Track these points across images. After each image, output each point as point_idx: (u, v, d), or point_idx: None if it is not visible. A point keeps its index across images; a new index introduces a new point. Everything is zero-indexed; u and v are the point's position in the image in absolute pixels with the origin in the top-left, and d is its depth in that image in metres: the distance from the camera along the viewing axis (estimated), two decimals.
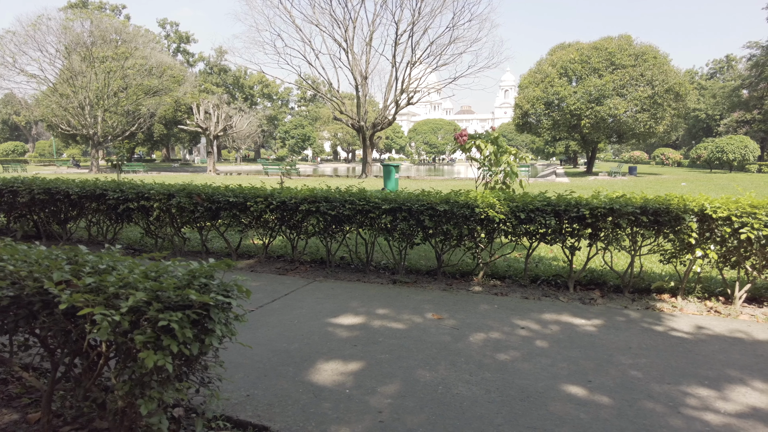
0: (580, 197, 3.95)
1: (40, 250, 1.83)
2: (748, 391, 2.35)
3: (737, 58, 59.98)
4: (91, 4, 52.80)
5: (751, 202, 3.49)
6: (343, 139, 76.45)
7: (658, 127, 29.59)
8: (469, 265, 4.58)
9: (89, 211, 5.56)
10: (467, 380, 2.41)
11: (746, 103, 46.81)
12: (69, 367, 1.76)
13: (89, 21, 34.48)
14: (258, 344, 2.82)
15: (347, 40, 28.89)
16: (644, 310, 3.57)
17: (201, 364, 1.73)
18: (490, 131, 5.74)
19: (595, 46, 30.64)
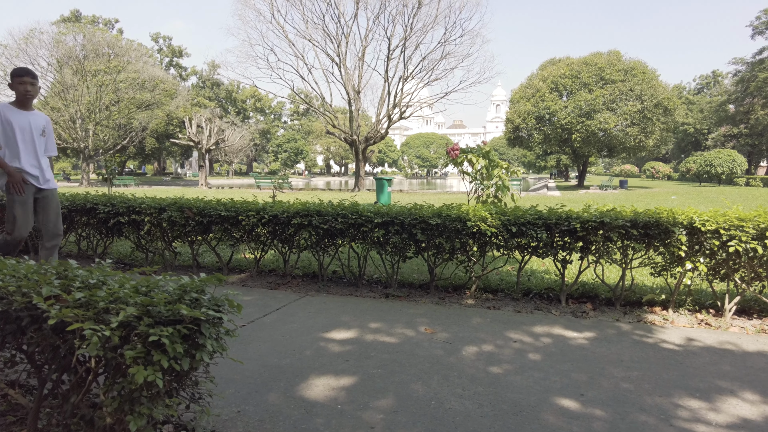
0: (571, 211, 3.98)
1: (29, 264, 1.82)
2: (738, 403, 2.36)
3: (723, 74, 61.22)
4: (84, 18, 52.98)
5: (738, 215, 3.54)
6: (335, 152, 76.69)
7: (647, 141, 30.00)
8: (461, 279, 4.58)
9: (79, 225, 5.52)
10: (460, 394, 2.40)
11: (733, 118, 47.67)
12: (56, 383, 1.74)
13: (82, 35, 34.55)
14: (249, 359, 2.80)
15: (340, 55, 29.15)
16: (636, 323, 3.59)
17: (191, 379, 1.71)
18: (481, 145, 5.80)
19: (585, 61, 31.14)
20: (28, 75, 3.90)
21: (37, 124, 4.03)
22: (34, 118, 4.03)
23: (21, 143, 3.91)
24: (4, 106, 3.89)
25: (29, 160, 3.96)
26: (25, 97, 3.89)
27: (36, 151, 4.01)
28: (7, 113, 3.87)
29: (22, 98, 3.91)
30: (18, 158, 3.88)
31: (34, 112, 4.04)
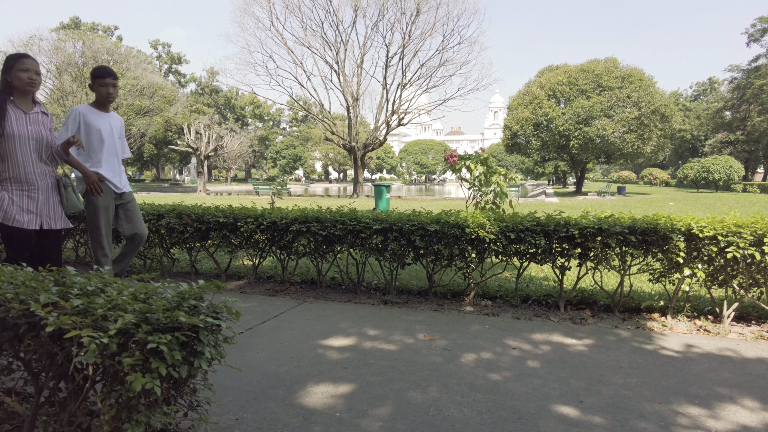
0: (569, 217, 3.99)
1: (27, 271, 1.82)
2: (738, 410, 2.35)
3: (720, 81, 61.59)
4: (83, 25, 53.16)
5: (736, 221, 3.55)
6: (334, 159, 76.79)
7: (645, 148, 30.12)
8: (460, 285, 4.58)
9: (77, 232, 5.51)
10: (459, 402, 2.39)
11: (729, 125, 47.89)
12: (53, 391, 1.73)
13: (81, 42, 34.67)
14: (247, 367, 2.79)
15: (338, 62, 29.27)
16: (634, 330, 3.58)
17: (190, 387, 1.70)
18: (479, 152, 5.81)
19: (583, 68, 31.32)
20: (110, 76, 3.67)
21: (115, 127, 3.83)
22: (113, 120, 3.83)
23: (102, 147, 3.69)
24: (85, 108, 3.69)
25: (110, 165, 3.75)
26: (107, 99, 3.68)
27: (116, 155, 3.82)
28: (88, 116, 3.65)
29: (102, 100, 3.69)
30: (100, 163, 3.67)
31: (112, 113, 3.84)
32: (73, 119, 3.61)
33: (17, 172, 3.10)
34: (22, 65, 3.08)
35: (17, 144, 3.08)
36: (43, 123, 3.25)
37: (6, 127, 3.05)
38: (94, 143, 3.67)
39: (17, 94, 3.13)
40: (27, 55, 3.17)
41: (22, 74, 3.08)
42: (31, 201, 3.13)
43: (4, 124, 3.05)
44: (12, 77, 3.08)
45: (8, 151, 3.07)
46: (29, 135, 3.13)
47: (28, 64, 3.10)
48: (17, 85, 3.09)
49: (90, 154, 3.67)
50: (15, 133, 3.07)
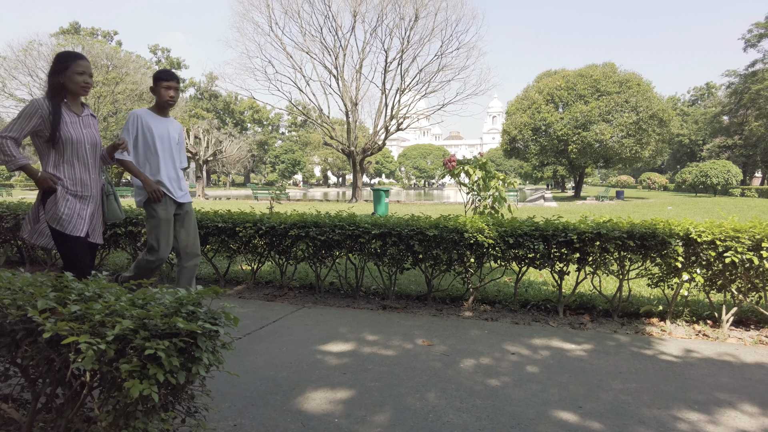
0: (567, 222, 3.99)
1: (25, 277, 1.81)
2: (737, 415, 2.35)
3: (717, 86, 61.83)
4: (83, 31, 53.27)
5: (734, 226, 3.56)
6: (333, 163, 76.85)
7: (643, 152, 30.18)
8: (459, 290, 4.57)
9: None
10: (458, 407, 2.39)
11: (727, 129, 48.05)
12: (50, 397, 1.72)
13: (81, 47, 34.74)
14: (245, 372, 2.78)
15: (337, 68, 29.34)
16: (633, 334, 3.58)
17: (187, 393, 1.70)
18: (478, 157, 5.82)
19: (581, 73, 31.41)
20: (174, 79, 3.51)
21: (174, 133, 3.64)
22: (172, 125, 3.64)
23: (161, 153, 3.51)
24: (144, 112, 3.52)
25: (168, 172, 3.56)
26: (168, 103, 3.51)
27: (174, 162, 3.62)
28: (146, 120, 3.48)
29: (164, 104, 3.53)
30: (158, 170, 3.49)
31: (171, 119, 3.67)
32: (132, 123, 3.46)
33: (73, 179, 2.88)
34: (78, 67, 2.85)
35: (73, 149, 2.88)
36: (94, 126, 3.06)
37: (62, 132, 2.83)
38: (152, 149, 3.48)
39: (69, 97, 2.91)
40: (82, 56, 2.92)
41: (77, 77, 2.85)
42: (83, 208, 2.92)
43: (60, 128, 2.83)
44: (66, 79, 2.84)
45: (64, 157, 2.87)
46: (85, 139, 2.93)
47: (83, 67, 2.87)
48: (71, 88, 2.86)
49: (148, 161, 3.49)
50: (72, 138, 2.86)
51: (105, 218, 3.15)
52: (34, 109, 2.75)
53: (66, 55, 2.89)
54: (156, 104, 3.57)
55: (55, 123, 2.79)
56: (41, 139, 2.83)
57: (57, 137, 2.81)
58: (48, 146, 2.84)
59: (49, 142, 2.82)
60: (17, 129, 2.75)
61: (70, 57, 2.87)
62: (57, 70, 2.84)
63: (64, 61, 2.84)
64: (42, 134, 2.81)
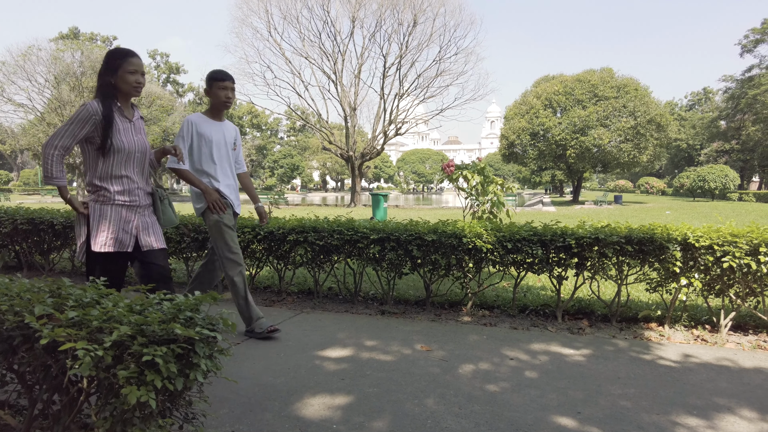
0: (565, 227, 4.00)
1: (23, 282, 1.81)
2: (736, 420, 2.35)
3: (714, 91, 62.10)
4: (82, 36, 53.36)
5: (731, 231, 3.56)
6: (332, 168, 76.92)
7: (641, 157, 30.27)
8: (457, 295, 4.57)
9: (73, 242, 5.48)
10: (457, 413, 2.38)
11: (724, 134, 48.21)
12: (47, 404, 1.71)
13: (80, 52, 34.75)
14: (243, 378, 2.77)
15: (336, 73, 29.42)
16: (632, 339, 3.58)
17: (185, 399, 1.69)
18: (476, 161, 5.83)
19: (579, 78, 31.54)
20: (229, 79, 3.33)
21: (230, 137, 3.45)
22: (227, 130, 3.44)
23: (218, 161, 3.33)
24: (198, 117, 3.33)
25: (225, 180, 3.38)
26: (225, 105, 3.33)
27: (232, 169, 3.44)
28: (200, 125, 3.29)
29: (220, 106, 3.35)
30: (215, 179, 3.32)
31: (226, 122, 3.46)
32: (187, 130, 3.28)
33: (121, 190, 2.65)
34: (130, 65, 2.61)
35: (125, 158, 2.64)
36: (144, 130, 2.83)
37: (114, 140, 2.59)
38: (208, 157, 3.29)
39: (120, 98, 2.66)
40: (134, 53, 2.67)
41: (129, 76, 2.61)
42: (128, 222, 2.68)
43: (112, 135, 2.58)
44: (117, 79, 2.60)
45: (113, 167, 2.62)
46: (136, 147, 2.69)
47: (135, 65, 2.63)
48: (123, 88, 2.62)
49: (203, 168, 3.31)
50: (124, 147, 2.62)
51: (161, 224, 2.90)
52: (88, 115, 2.52)
53: (117, 52, 2.66)
54: (211, 107, 3.39)
55: (107, 130, 2.56)
56: (92, 147, 2.61)
57: (108, 146, 2.58)
58: (97, 154, 2.60)
59: (99, 150, 2.59)
60: (68, 136, 2.52)
61: (122, 55, 2.64)
62: (107, 70, 2.62)
63: (115, 60, 2.62)
64: (93, 141, 2.59)
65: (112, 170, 2.62)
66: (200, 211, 3.36)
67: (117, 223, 2.63)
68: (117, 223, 2.63)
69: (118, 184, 2.64)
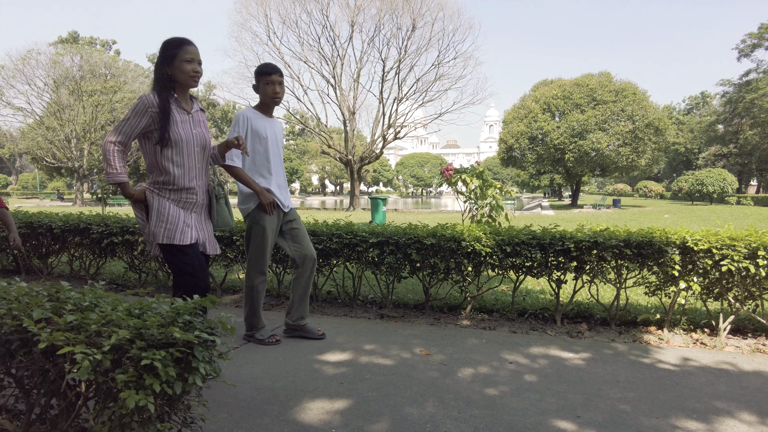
0: (564, 231, 4.00)
1: (21, 286, 1.80)
2: (736, 424, 2.34)
3: (712, 95, 62.32)
4: (81, 40, 53.44)
5: (730, 234, 3.57)
6: (330, 172, 76.97)
7: (640, 161, 30.35)
8: (456, 299, 4.57)
9: (72, 246, 5.48)
10: (456, 417, 2.37)
11: (722, 138, 48.37)
12: (45, 408, 1.70)
13: (79, 56, 34.79)
14: (242, 382, 2.76)
15: (335, 77, 29.48)
16: (631, 343, 3.58)
17: (184, 403, 1.69)
18: (475, 165, 5.84)
19: (577, 82, 31.64)
20: (277, 72, 3.16)
21: (279, 135, 3.35)
22: (277, 127, 3.33)
23: (272, 159, 3.21)
24: (252, 112, 3.20)
25: (278, 180, 3.27)
26: (273, 100, 3.20)
27: (282, 167, 3.34)
28: (255, 121, 3.16)
29: (269, 102, 3.22)
30: (270, 176, 3.21)
31: (275, 119, 3.34)
32: (243, 124, 3.14)
33: (181, 185, 2.56)
34: (186, 54, 2.50)
35: (183, 152, 2.55)
36: (204, 123, 2.70)
37: (172, 133, 2.50)
38: (262, 154, 3.17)
39: (178, 90, 2.57)
40: (190, 41, 2.56)
41: (186, 65, 2.50)
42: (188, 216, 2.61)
43: (169, 128, 2.50)
44: (174, 69, 2.50)
45: (173, 161, 2.53)
46: (195, 140, 2.59)
47: (192, 53, 2.52)
48: (180, 79, 2.51)
49: (255, 166, 3.19)
50: (182, 139, 2.53)
51: (214, 225, 2.81)
52: (144, 107, 2.45)
53: (172, 42, 2.55)
54: (260, 103, 3.25)
55: (164, 122, 2.47)
56: (150, 141, 2.52)
57: (166, 139, 2.48)
58: (155, 149, 2.51)
59: (158, 145, 2.50)
60: (126, 131, 2.45)
61: (177, 43, 2.53)
62: (164, 60, 2.52)
63: (171, 49, 2.52)
64: (151, 135, 2.50)
65: (171, 164, 2.52)
66: (247, 211, 3.23)
67: (176, 215, 2.55)
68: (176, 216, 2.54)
69: (178, 179, 2.54)
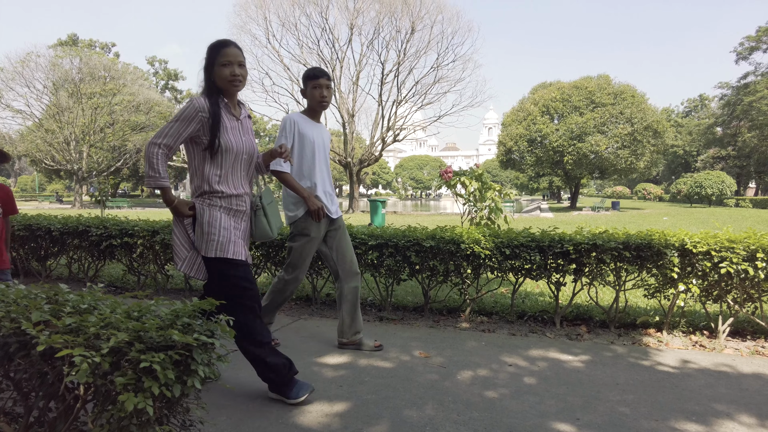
0: (563, 233, 4.00)
1: (19, 289, 1.80)
2: (735, 426, 2.34)
3: (710, 98, 62.46)
4: (81, 42, 53.43)
5: (729, 236, 3.57)
6: None
7: (638, 163, 30.39)
8: (456, 302, 4.56)
9: (71, 248, 5.47)
10: (455, 420, 2.37)
11: (721, 140, 48.46)
12: (43, 411, 1.70)
13: (78, 58, 34.81)
14: (241, 385, 2.76)
15: (334, 80, 29.49)
16: (630, 345, 3.58)
17: (182, 406, 1.68)
18: (474, 168, 5.85)
19: (576, 85, 31.70)
20: (324, 76, 3.09)
21: (327, 141, 3.26)
22: (324, 133, 3.25)
23: (318, 165, 3.12)
24: (299, 117, 3.12)
25: (325, 186, 3.19)
26: (320, 104, 3.12)
27: (329, 174, 3.27)
28: (302, 125, 3.08)
29: (316, 107, 3.14)
30: (315, 184, 3.12)
31: (322, 125, 3.27)
32: (290, 129, 3.07)
33: (229, 195, 2.44)
34: (223, 57, 2.37)
35: (232, 161, 2.43)
36: (252, 131, 2.59)
37: (222, 140, 2.37)
38: (309, 160, 3.08)
39: (226, 95, 2.45)
40: (229, 43, 2.41)
41: (223, 70, 2.37)
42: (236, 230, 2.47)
43: (220, 134, 2.36)
44: (214, 74, 2.39)
45: (222, 170, 2.41)
46: (244, 147, 2.47)
47: (229, 55, 2.37)
48: (220, 84, 2.40)
49: (302, 173, 3.11)
50: (232, 147, 2.40)
51: (253, 236, 2.66)
52: (194, 111, 2.33)
53: (212, 45, 2.42)
54: (308, 108, 3.19)
55: (215, 128, 2.35)
56: (198, 147, 2.40)
57: (216, 146, 2.37)
58: (204, 156, 2.39)
59: (206, 151, 2.38)
60: (173, 134, 2.33)
61: (215, 47, 2.40)
62: (206, 65, 2.41)
63: (210, 53, 2.40)
64: (199, 141, 2.38)
65: (221, 173, 2.41)
66: (293, 218, 3.12)
67: (229, 228, 2.41)
68: (229, 229, 2.41)
69: (226, 188, 2.42)
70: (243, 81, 2.42)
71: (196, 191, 2.45)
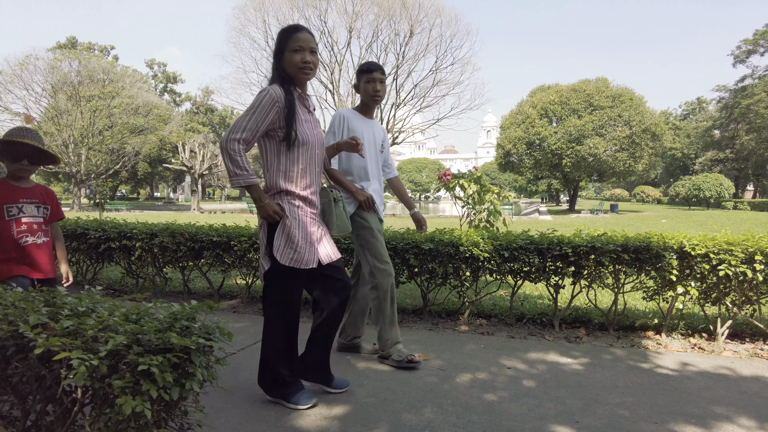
0: (562, 236, 4.01)
1: (17, 292, 1.79)
2: (734, 429, 2.34)
3: (708, 100, 62.64)
4: (80, 45, 53.47)
5: (727, 239, 3.58)
6: None
7: (637, 166, 30.45)
8: (455, 304, 4.56)
9: (69, 251, 5.45)
10: (454, 423, 2.37)
11: (719, 143, 48.59)
12: (41, 414, 1.69)
13: (77, 61, 34.82)
14: (239, 388, 2.75)
15: (333, 82, 29.56)
16: (629, 348, 3.58)
17: (181, 409, 1.68)
18: (473, 171, 5.86)
19: (574, 88, 31.78)
20: (377, 70, 3.00)
21: (379, 137, 3.15)
22: (377, 129, 3.14)
23: (368, 163, 3.01)
24: (350, 112, 3.04)
25: (375, 184, 3.08)
26: (373, 99, 3.03)
27: (379, 172, 3.15)
28: (352, 121, 2.98)
29: (369, 101, 3.05)
30: (366, 181, 3.03)
31: (375, 121, 3.17)
32: (339, 125, 2.98)
33: (305, 193, 2.32)
34: (294, 42, 2.23)
35: (308, 154, 2.30)
36: (319, 125, 2.47)
37: (299, 132, 2.24)
38: (357, 156, 2.98)
39: (297, 84, 2.32)
40: (300, 28, 2.27)
41: (294, 56, 2.23)
42: (312, 232, 2.35)
43: (296, 126, 2.23)
44: (284, 61, 2.26)
45: (298, 166, 2.27)
46: (317, 141, 2.35)
47: (301, 40, 2.23)
48: (290, 72, 2.26)
49: (351, 169, 3.02)
50: (308, 141, 2.27)
51: (332, 230, 2.58)
52: (272, 101, 2.19)
53: (283, 30, 2.30)
54: (360, 103, 3.11)
55: (290, 119, 2.20)
56: (272, 141, 2.25)
57: (293, 138, 2.22)
58: (279, 149, 2.25)
59: (282, 144, 2.23)
60: (251, 127, 2.16)
61: (286, 31, 2.28)
62: (276, 51, 2.29)
63: (281, 39, 2.28)
64: (273, 135, 2.24)
65: (297, 168, 2.26)
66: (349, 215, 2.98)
67: (305, 231, 2.30)
68: (305, 232, 2.30)
69: (303, 184, 2.29)
70: (314, 69, 2.30)
71: (271, 189, 2.30)
